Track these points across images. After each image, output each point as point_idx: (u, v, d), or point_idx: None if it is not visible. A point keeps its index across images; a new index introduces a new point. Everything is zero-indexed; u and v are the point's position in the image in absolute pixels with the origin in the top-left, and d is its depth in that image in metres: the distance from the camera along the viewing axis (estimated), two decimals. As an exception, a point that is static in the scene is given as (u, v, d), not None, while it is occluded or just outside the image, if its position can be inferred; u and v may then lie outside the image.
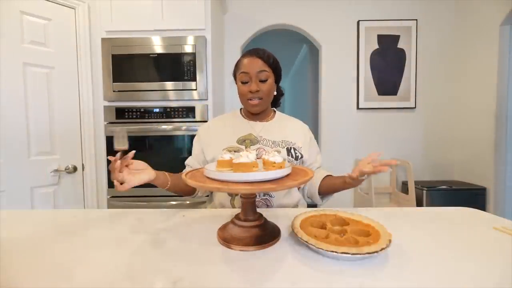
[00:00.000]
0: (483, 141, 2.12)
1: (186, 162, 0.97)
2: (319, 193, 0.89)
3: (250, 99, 0.86)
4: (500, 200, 2.03)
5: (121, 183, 0.64)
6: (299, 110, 4.02)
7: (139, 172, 0.68)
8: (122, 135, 0.62)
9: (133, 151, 0.65)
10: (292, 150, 0.88)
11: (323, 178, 0.89)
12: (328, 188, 0.88)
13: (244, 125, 0.93)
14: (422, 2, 2.36)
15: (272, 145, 0.88)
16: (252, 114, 0.94)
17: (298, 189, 0.95)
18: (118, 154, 0.62)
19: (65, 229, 0.67)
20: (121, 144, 0.62)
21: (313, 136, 1.00)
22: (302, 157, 0.90)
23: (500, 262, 0.49)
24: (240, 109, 1.00)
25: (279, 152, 0.86)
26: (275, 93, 0.93)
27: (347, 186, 0.79)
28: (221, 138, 0.91)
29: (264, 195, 0.85)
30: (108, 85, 1.59)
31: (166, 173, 0.79)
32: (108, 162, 0.60)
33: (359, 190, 2.37)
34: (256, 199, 0.83)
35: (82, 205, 1.66)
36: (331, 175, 0.90)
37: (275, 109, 1.02)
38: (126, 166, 0.65)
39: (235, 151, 0.84)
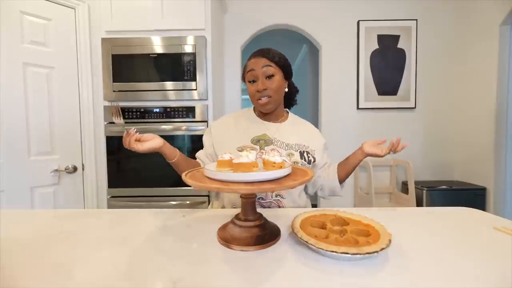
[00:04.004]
0: (483, 141, 2.12)
1: (197, 154, 0.98)
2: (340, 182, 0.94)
3: (259, 99, 0.85)
4: (500, 200, 2.03)
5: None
6: (299, 110, 4.01)
7: (148, 142, 0.77)
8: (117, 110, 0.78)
9: (134, 128, 0.76)
10: (305, 154, 0.88)
11: (338, 167, 0.95)
12: (343, 170, 0.93)
13: (259, 125, 0.93)
14: (422, 2, 2.36)
15: (286, 148, 0.88)
16: (265, 114, 0.93)
17: (306, 192, 0.97)
18: (133, 129, 0.74)
19: (65, 229, 0.67)
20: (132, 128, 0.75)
21: (325, 142, 1.00)
22: (314, 160, 0.90)
23: (500, 262, 0.49)
24: (253, 108, 0.99)
25: (292, 155, 0.87)
26: (286, 89, 0.92)
27: (363, 156, 0.87)
28: (235, 137, 0.90)
29: (276, 196, 0.85)
30: (108, 85, 1.59)
31: (177, 150, 0.86)
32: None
33: (359, 190, 2.37)
34: (268, 200, 0.84)
35: (82, 205, 1.66)
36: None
37: (288, 110, 1.01)
38: (138, 140, 0.76)
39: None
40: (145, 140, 0.77)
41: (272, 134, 0.90)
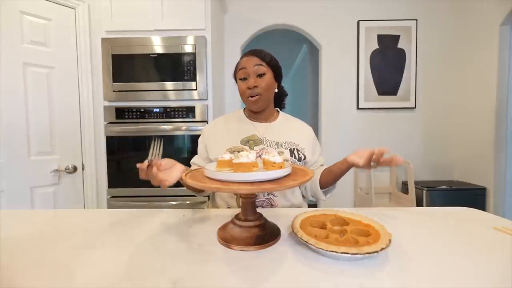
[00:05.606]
0: (483, 141, 2.12)
1: (192, 160, 0.98)
2: (321, 187, 0.88)
3: (250, 96, 0.87)
4: (500, 200, 2.03)
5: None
6: (299, 110, 4.03)
7: (170, 170, 0.68)
8: (159, 148, 0.65)
9: (148, 159, 0.65)
10: (295, 152, 0.89)
11: (322, 172, 0.89)
12: (327, 177, 0.86)
13: (248, 126, 0.94)
14: (422, 2, 2.36)
15: (276, 146, 0.88)
16: (255, 113, 0.94)
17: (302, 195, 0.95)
18: (146, 161, 0.63)
19: (65, 229, 0.67)
20: (155, 155, 0.64)
21: (316, 137, 1.00)
22: (305, 158, 0.90)
23: (500, 262, 0.49)
24: (243, 109, 1.00)
25: (282, 153, 0.86)
26: (276, 90, 0.93)
27: (345, 165, 0.79)
28: (225, 138, 0.91)
29: (268, 195, 0.85)
30: (108, 85, 1.59)
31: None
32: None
33: (359, 190, 2.37)
34: (260, 199, 0.84)
35: (82, 205, 1.66)
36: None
37: (278, 109, 1.02)
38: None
39: (238, 151, 0.84)
40: (165, 168, 0.66)
41: (262, 134, 0.91)
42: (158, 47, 1.58)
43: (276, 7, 2.37)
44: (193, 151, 0.98)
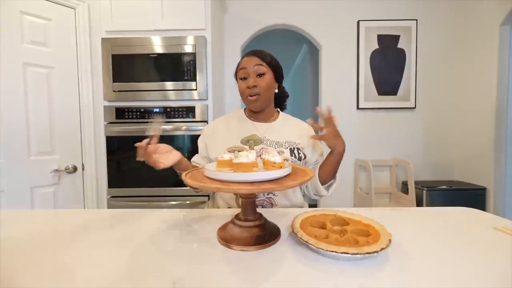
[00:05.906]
0: (483, 141, 2.12)
1: (192, 159, 0.97)
2: (322, 183, 0.88)
3: (249, 96, 0.87)
4: (500, 200, 2.03)
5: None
6: (299, 110, 4.03)
7: (167, 154, 0.72)
8: (159, 123, 0.68)
9: (155, 138, 0.68)
10: (296, 151, 0.89)
11: (319, 167, 0.89)
12: (323, 171, 0.87)
13: (248, 126, 0.94)
14: (422, 2, 2.36)
15: (276, 146, 0.89)
16: (255, 113, 0.94)
17: (303, 194, 0.95)
18: (146, 140, 0.66)
19: (65, 228, 0.67)
20: (157, 131, 0.67)
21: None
22: (305, 157, 0.90)
23: (500, 262, 0.49)
24: (244, 109, 1.01)
25: (282, 152, 0.87)
26: (276, 90, 0.94)
27: (333, 154, 0.84)
28: (225, 138, 0.91)
29: (268, 194, 0.86)
30: (108, 85, 1.59)
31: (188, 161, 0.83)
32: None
33: (359, 190, 2.37)
34: (261, 198, 0.84)
35: (82, 205, 1.66)
36: None
37: (278, 109, 1.02)
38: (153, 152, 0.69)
39: (238, 151, 0.84)
40: (161, 152, 0.71)
41: (262, 134, 0.91)
42: (158, 47, 1.58)
43: (276, 7, 2.37)
44: (193, 151, 0.98)
